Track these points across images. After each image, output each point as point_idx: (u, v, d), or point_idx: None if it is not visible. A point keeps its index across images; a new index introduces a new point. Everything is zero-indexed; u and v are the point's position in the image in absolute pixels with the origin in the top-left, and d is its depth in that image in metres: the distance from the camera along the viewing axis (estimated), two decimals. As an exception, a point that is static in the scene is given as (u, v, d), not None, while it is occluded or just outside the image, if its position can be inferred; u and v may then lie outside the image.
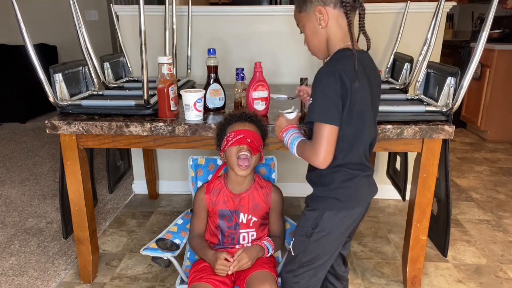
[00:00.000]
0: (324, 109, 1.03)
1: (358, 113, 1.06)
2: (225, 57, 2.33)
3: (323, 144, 1.04)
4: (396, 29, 2.21)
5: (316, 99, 1.05)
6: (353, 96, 1.04)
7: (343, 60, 1.06)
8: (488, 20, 1.30)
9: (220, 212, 1.39)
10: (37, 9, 4.75)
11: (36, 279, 1.79)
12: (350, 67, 1.04)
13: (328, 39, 1.11)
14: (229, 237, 1.38)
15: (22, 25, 1.37)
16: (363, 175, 1.14)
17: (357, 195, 1.16)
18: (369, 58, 1.14)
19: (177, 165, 2.61)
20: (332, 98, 1.02)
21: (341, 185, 1.13)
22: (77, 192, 1.61)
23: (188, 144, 1.52)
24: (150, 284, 1.76)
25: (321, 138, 1.04)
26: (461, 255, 1.97)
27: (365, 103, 1.08)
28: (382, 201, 2.53)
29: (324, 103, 1.03)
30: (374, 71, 1.14)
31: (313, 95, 1.06)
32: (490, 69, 3.61)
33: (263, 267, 1.29)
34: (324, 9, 1.07)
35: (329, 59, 1.12)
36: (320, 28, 1.10)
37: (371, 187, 1.20)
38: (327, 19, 1.08)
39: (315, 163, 1.07)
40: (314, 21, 1.10)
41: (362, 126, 1.09)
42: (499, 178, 2.93)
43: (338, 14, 1.07)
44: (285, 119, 1.28)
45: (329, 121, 1.03)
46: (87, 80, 1.82)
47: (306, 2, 1.10)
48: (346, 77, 1.02)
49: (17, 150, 3.51)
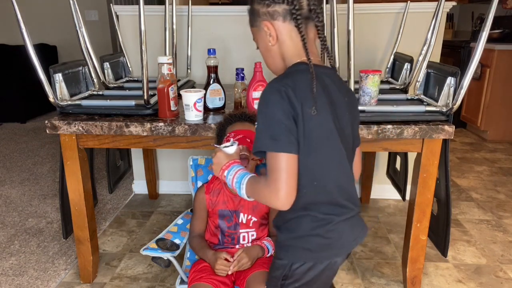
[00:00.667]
0: (274, 134, 0.85)
1: (318, 139, 0.88)
2: (225, 57, 2.33)
3: (282, 179, 0.84)
4: (396, 29, 2.21)
5: (263, 123, 0.87)
6: (306, 119, 0.86)
7: (294, 75, 0.90)
8: (488, 20, 1.30)
9: (220, 212, 1.39)
10: (37, 9, 4.75)
11: (36, 279, 1.79)
12: (302, 83, 0.87)
13: (283, 56, 0.96)
14: (229, 237, 1.38)
15: (22, 25, 1.37)
16: (339, 220, 0.93)
17: (333, 244, 0.94)
18: (334, 74, 0.98)
19: (177, 165, 2.61)
20: (282, 119, 0.84)
21: (310, 232, 0.93)
22: (77, 192, 1.61)
23: (188, 144, 1.52)
24: (150, 284, 1.76)
25: (277, 172, 0.84)
26: (461, 255, 1.97)
27: (327, 127, 0.90)
28: (382, 201, 2.53)
29: (273, 127, 0.85)
30: (339, 89, 0.95)
31: (258, 117, 0.88)
32: (490, 69, 3.61)
33: (263, 267, 1.29)
34: (271, 25, 0.92)
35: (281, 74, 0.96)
36: (271, 46, 0.95)
37: (355, 230, 0.98)
38: (275, 35, 0.93)
39: (275, 204, 0.87)
40: (265, 37, 0.95)
41: (327, 156, 0.91)
42: (499, 178, 2.93)
43: (290, 28, 0.92)
44: (224, 154, 1.08)
45: (283, 148, 0.84)
46: (87, 80, 1.82)
47: (254, 15, 0.96)
48: (296, 96, 0.85)
49: (17, 150, 3.51)
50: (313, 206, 0.92)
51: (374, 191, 2.51)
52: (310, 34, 0.94)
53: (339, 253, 0.97)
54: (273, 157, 0.85)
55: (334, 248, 0.95)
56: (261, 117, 0.87)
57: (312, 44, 0.95)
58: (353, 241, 0.97)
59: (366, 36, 2.26)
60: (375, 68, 2.31)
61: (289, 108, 0.84)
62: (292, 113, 0.85)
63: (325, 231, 0.92)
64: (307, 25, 0.92)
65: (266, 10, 0.92)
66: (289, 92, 0.85)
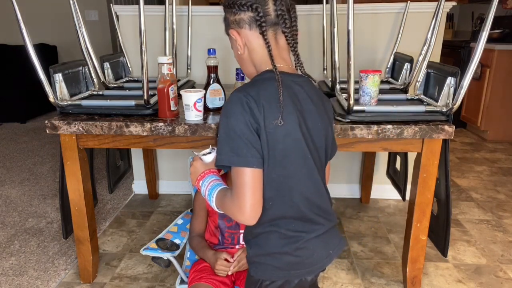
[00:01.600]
0: (235, 147, 0.81)
1: (284, 151, 0.84)
2: (225, 57, 2.33)
3: (246, 194, 0.81)
4: (396, 29, 2.21)
5: (225, 134, 0.83)
6: (270, 131, 0.82)
7: (259, 84, 0.87)
8: (488, 20, 1.30)
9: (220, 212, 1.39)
10: (37, 9, 4.75)
11: (36, 279, 1.79)
12: (266, 92, 0.84)
13: (254, 63, 0.94)
14: (229, 237, 1.38)
15: (22, 25, 1.37)
16: (308, 238, 0.90)
17: (304, 262, 0.91)
18: (305, 82, 0.93)
19: (177, 165, 2.61)
20: (243, 132, 0.81)
21: (279, 250, 0.90)
22: (77, 192, 1.61)
23: (188, 144, 1.52)
24: (150, 284, 1.76)
25: (241, 187, 0.82)
26: (461, 255, 1.97)
27: (293, 138, 0.85)
28: (382, 201, 2.53)
29: (235, 141, 0.81)
30: (310, 97, 0.91)
31: (220, 128, 0.85)
32: (490, 69, 3.61)
33: None
34: (237, 33, 0.92)
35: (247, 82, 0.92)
36: (240, 54, 0.94)
37: (329, 246, 0.94)
38: (242, 44, 0.92)
39: (240, 219, 0.85)
40: (235, 45, 0.95)
41: (294, 167, 0.87)
42: (499, 178, 2.93)
43: (257, 35, 0.90)
44: (200, 163, 1.05)
45: (245, 163, 0.81)
46: (87, 80, 1.82)
47: (225, 23, 0.95)
48: (258, 107, 0.81)
49: (17, 150, 3.51)
50: (281, 222, 0.89)
51: (374, 191, 2.51)
52: (280, 40, 0.91)
53: (311, 271, 0.93)
54: (236, 171, 0.82)
55: (305, 266, 0.91)
56: (223, 128, 0.84)
57: (283, 50, 0.92)
58: (326, 258, 0.94)
59: (366, 36, 2.26)
60: (375, 68, 2.31)
61: (251, 120, 0.81)
62: (255, 125, 0.82)
63: (295, 248, 0.89)
64: (276, 32, 0.90)
65: (234, 18, 0.91)
66: (251, 104, 0.82)
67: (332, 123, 1.00)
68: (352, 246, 2.04)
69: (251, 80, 0.91)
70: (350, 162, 2.54)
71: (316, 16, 2.26)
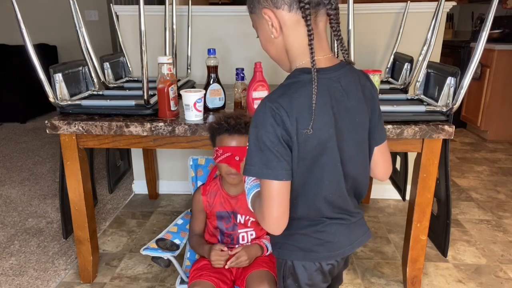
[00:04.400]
0: (265, 160, 0.77)
1: (313, 159, 0.81)
2: (225, 57, 2.33)
3: (272, 206, 0.79)
4: (396, 29, 2.21)
5: (254, 145, 0.78)
6: (302, 142, 0.78)
7: (291, 92, 0.78)
8: (488, 20, 1.30)
9: (218, 213, 1.39)
10: (37, 9, 4.75)
11: (36, 279, 1.79)
12: (301, 99, 0.77)
13: (288, 51, 0.83)
14: (228, 237, 1.38)
15: (22, 25, 1.37)
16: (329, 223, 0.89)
17: (324, 245, 0.89)
18: (343, 74, 0.83)
19: (177, 165, 2.61)
20: (274, 144, 0.77)
21: (300, 231, 0.89)
22: (77, 192, 1.61)
23: (188, 144, 1.52)
24: (150, 284, 1.76)
25: (268, 199, 0.79)
26: (461, 255, 1.97)
27: (326, 146, 0.81)
28: (382, 201, 2.53)
29: (265, 152, 0.77)
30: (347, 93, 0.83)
31: (250, 137, 0.79)
32: (490, 69, 3.61)
33: (263, 266, 1.29)
34: (272, 13, 0.79)
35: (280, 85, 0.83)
36: (274, 38, 0.83)
37: (353, 235, 0.93)
38: (278, 27, 0.80)
39: (266, 228, 0.82)
40: (266, 27, 0.83)
41: (321, 175, 0.83)
42: (499, 178, 2.93)
43: (296, 20, 0.79)
44: None
45: (274, 176, 0.77)
46: (87, 80, 1.82)
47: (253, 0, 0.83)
48: (290, 118, 0.76)
49: (17, 150, 3.51)
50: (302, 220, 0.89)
51: (374, 191, 2.51)
52: (320, 24, 0.80)
53: (331, 256, 0.91)
54: (264, 183, 0.79)
55: (324, 250, 0.90)
56: (253, 138, 0.79)
57: (322, 37, 0.82)
58: (348, 245, 0.93)
59: (366, 36, 2.26)
60: (375, 68, 2.30)
61: (283, 132, 0.77)
62: (286, 138, 0.77)
63: (314, 231, 0.88)
64: (316, 13, 0.79)
65: None
66: (283, 117, 0.76)
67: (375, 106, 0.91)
68: (352, 246, 2.04)
69: (285, 84, 0.81)
70: (350, 162, 2.54)
71: (316, 16, 2.26)
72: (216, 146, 1.31)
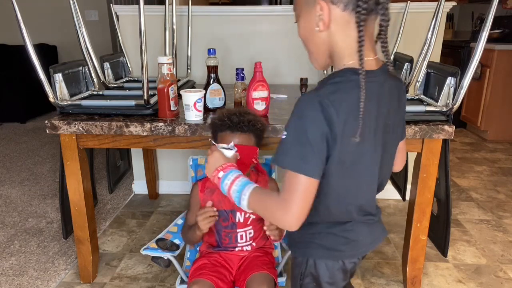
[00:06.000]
0: (303, 154, 0.75)
1: (352, 164, 0.80)
2: (225, 57, 2.33)
3: (297, 202, 0.76)
4: (396, 29, 2.21)
5: (293, 136, 0.76)
6: (344, 144, 0.76)
7: (342, 91, 0.77)
8: (488, 20, 1.30)
9: None
10: (37, 9, 4.75)
11: (36, 279, 1.79)
12: (350, 101, 0.76)
13: (332, 48, 0.81)
14: (226, 236, 1.38)
15: (22, 25, 1.37)
16: (357, 221, 0.90)
17: (350, 243, 0.90)
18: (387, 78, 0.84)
19: (177, 165, 2.61)
20: (315, 140, 0.74)
21: (326, 230, 0.89)
22: (77, 192, 1.61)
23: (188, 144, 1.52)
24: (150, 284, 1.76)
25: (294, 193, 0.76)
26: (461, 255, 1.97)
27: (366, 151, 0.81)
28: (382, 201, 2.53)
29: (304, 146, 0.75)
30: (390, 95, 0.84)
31: (289, 127, 0.77)
32: (490, 69, 3.61)
33: (263, 269, 1.29)
34: (327, 7, 0.76)
35: (325, 80, 0.80)
36: (317, 31, 0.80)
37: (374, 233, 0.94)
38: (328, 21, 0.77)
39: (281, 224, 0.80)
40: (313, 18, 0.79)
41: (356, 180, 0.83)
42: (499, 178, 2.93)
43: (348, 20, 0.77)
44: (220, 154, 1.00)
45: (308, 172, 0.75)
46: (87, 80, 1.82)
47: None
48: (339, 117, 0.74)
49: (17, 150, 3.51)
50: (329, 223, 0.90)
51: (374, 191, 2.51)
52: (369, 28, 0.79)
53: (354, 254, 0.92)
54: (296, 178, 0.76)
55: (349, 249, 0.90)
56: (292, 129, 0.76)
57: (371, 40, 0.81)
58: (370, 243, 0.93)
59: (366, 36, 2.26)
60: (375, 68, 2.30)
61: (327, 129, 0.74)
62: (328, 135, 0.75)
63: (342, 230, 0.88)
64: (368, 19, 0.77)
65: None
66: (333, 114, 0.73)
67: (404, 105, 0.94)
68: (352, 246, 2.04)
69: (333, 81, 0.79)
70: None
71: (316, 16, 2.26)
72: (217, 143, 1.30)
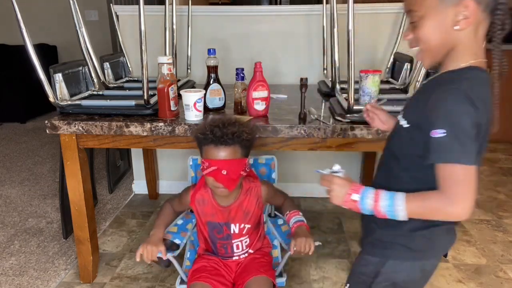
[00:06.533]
0: (466, 147, 0.78)
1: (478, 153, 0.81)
2: (225, 57, 2.33)
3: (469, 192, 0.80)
4: (396, 29, 2.21)
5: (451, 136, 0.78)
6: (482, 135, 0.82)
7: (478, 84, 0.82)
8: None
9: (209, 224, 1.34)
10: (37, 9, 4.75)
11: (36, 279, 1.79)
12: (481, 93, 0.81)
13: (456, 46, 0.83)
14: (221, 247, 1.36)
15: (22, 25, 1.37)
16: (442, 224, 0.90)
17: (434, 245, 0.92)
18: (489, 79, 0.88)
19: (177, 165, 2.61)
20: (472, 132, 0.78)
21: (414, 233, 0.90)
22: (77, 192, 1.61)
23: (188, 144, 1.52)
24: (150, 284, 1.76)
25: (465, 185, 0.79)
26: (461, 255, 1.97)
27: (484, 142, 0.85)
28: (382, 201, 2.52)
29: (465, 140, 0.78)
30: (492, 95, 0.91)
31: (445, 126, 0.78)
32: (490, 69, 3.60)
33: (261, 272, 1.28)
34: (474, 6, 0.78)
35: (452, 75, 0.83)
36: (453, 29, 0.80)
37: (450, 235, 0.95)
38: (472, 20, 0.79)
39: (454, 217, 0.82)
40: (449, 16, 0.80)
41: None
42: (499, 178, 2.93)
43: (481, 20, 0.80)
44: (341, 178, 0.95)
45: (473, 161, 0.78)
46: (87, 80, 1.82)
47: None
48: (480, 109, 0.79)
49: (17, 150, 3.51)
50: None
51: (374, 191, 2.50)
52: (481, 31, 0.82)
53: (436, 255, 0.95)
54: (463, 169, 0.78)
55: (431, 250, 0.93)
56: (448, 125, 0.78)
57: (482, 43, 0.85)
58: (446, 244, 0.96)
59: (366, 36, 2.26)
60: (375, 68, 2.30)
61: (478, 120, 0.79)
62: (478, 125, 0.79)
63: (428, 232, 0.89)
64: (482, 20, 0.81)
65: None
66: (478, 104, 0.78)
67: None
68: (352, 246, 2.04)
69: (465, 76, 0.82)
70: (350, 162, 2.54)
71: (316, 16, 2.26)
72: (202, 157, 1.23)
